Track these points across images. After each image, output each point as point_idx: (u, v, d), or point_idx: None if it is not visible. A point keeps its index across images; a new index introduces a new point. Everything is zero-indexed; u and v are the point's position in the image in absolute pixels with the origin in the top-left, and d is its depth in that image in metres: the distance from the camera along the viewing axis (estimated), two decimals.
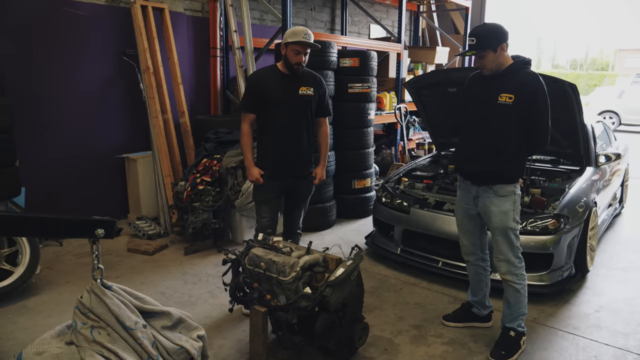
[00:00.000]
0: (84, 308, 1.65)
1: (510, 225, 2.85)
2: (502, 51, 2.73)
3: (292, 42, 3.20)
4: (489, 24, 2.81)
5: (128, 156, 5.21)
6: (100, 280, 1.73)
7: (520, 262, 2.90)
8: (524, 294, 2.91)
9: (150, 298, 1.83)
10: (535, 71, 2.80)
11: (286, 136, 3.38)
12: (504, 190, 2.83)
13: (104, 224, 1.63)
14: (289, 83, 3.35)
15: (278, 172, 3.40)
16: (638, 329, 3.24)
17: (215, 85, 6.06)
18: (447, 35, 9.38)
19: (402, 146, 7.52)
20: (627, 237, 5.10)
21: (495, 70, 2.78)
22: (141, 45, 4.84)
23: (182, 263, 4.29)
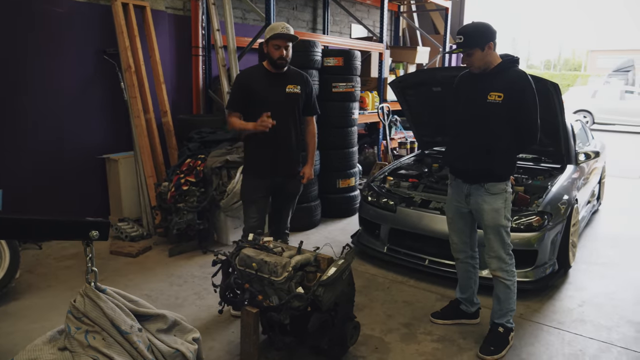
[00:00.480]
0: (77, 312, 1.60)
1: (502, 223, 2.89)
2: (489, 50, 2.76)
3: (270, 37, 3.19)
4: (477, 22, 2.83)
5: (109, 157, 5.10)
6: (94, 283, 1.68)
7: (511, 259, 2.94)
8: (513, 290, 2.95)
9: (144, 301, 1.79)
10: (523, 70, 2.84)
11: (274, 135, 3.34)
12: (496, 188, 2.86)
13: (98, 226, 1.58)
14: (275, 82, 3.33)
15: (266, 170, 3.38)
16: (620, 323, 3.33)
17: (198, 84, 5.98)
18: (427, 36, 9.46)
19: (384, 145, 7.57)
20: (605, 234, 5.23)
21: (484, 68, 2.81)
22: (122, 44, 4.75)
23: (167, 265, 4.23)
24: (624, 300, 3.68)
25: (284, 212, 3.62)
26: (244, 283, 2.53)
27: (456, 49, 2.81)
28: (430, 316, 3.33)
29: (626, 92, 16.72)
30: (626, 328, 3.27)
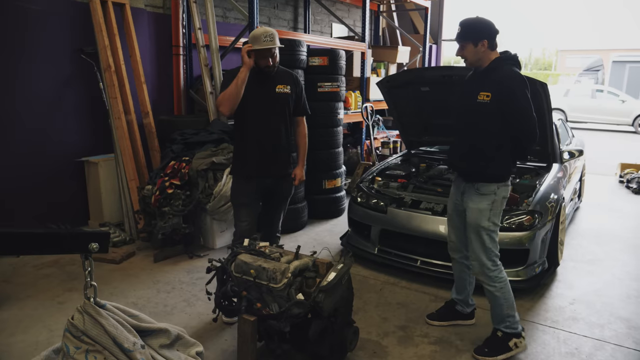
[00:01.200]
0: (76, 330, 1.49)
1: (483, 224, 2.82)
2: (483, 47, 2.72)
3: (255, 50, 3.11)
4: (479, 18, 2.80)
5: (88, 159, 4.92)
6: (94, 299, 1.58)
7: (494, 265, 2.85)
8: (501, 297, 2.85)
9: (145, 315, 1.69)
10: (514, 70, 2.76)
11: (264, 136, 3.29)
12: (485, 188, 2.82)
13: (97, 237, 1.48)
14: (265, 82, 3.25)
15: (256, 172, 3.29)
16: (611, 320, 3.37)
17: (179, 84, 5.84)
18: (407, 35, 9.48)
19: (367, 145, 7.54)
20: (588, 231, 5.32)
21: (477, 65, 2.80)
22: (101, 43, 4.58)
23: (153, 271, 4.09)
24: (612, 297, 3.73)
25: (275, 215, 3.54)
26: (241, 290, 2.44)
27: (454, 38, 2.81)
28: (425, 317, 3.30)
29: (597, 90, 17.18)
30: (617, 325, 3.31)
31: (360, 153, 7.50)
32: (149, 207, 4.41)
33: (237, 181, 3.38)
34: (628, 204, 6.57)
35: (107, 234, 1.55)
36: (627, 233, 5.33)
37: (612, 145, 12.75)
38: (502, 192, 2.83)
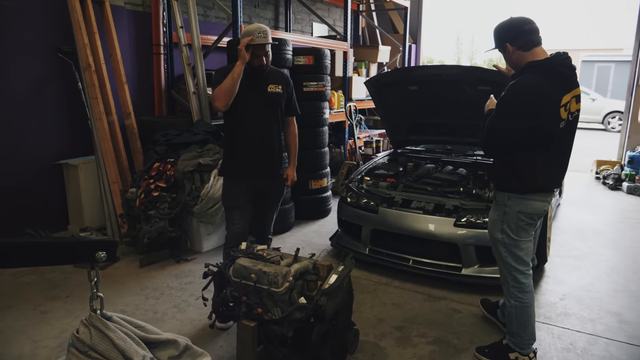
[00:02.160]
0: (82, 346, 1.40)
1: (496, 236, 2.71)
2: (510, 51, 2.53)
3: (252, 45, 3.01)
4: (503, 21, 2.60)
5: (67, 162, 4.74)
6: (100, 311, 1.49)
7: (515, 282, 2.69)
8: (513, 314, 2.72)
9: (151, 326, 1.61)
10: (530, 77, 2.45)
11: (257, 136, 3.21)
12: (498, 197, 2.72)
13: (105, 246, 1.40)
14: (257, 81, 3.17)
15: (249, 174, 3.22)
16: (602, 314, 3.42)
17: (160, 84, 5.70)
18: (387, 35, 9.51)
19: (350, 145, 7.53)
20: (570, 227, 5.42)
21: (518, 69, 2.58)
22: (81, 41, 4.42)
23: (139, 276, 3.97)
24: (600, 291, 3.80)
25: (267, 217, 3.47)
26: (241, 296, 2.37)
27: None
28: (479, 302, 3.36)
29: None
30: (608, 319, 3.36)
31: (343, 153, 7.48)
32: (134, 210, 4.28)
33: (230, 183, 3.29)
34: (606, 200, 6.74)
35: (114, 242, 1.46)
36: (607, 228, 5.46)
37: (584, 143, 13.07)
38: (514, 204, 2.61)
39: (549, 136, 2.50)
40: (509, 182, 2.63)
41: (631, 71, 8.04)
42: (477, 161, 4.79)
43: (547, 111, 2.43)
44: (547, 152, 2.55)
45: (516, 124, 2.45)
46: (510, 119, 2.46)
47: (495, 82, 3.92)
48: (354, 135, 6.99)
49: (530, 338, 2.75)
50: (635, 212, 6.09)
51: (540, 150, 2.53)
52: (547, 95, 2.41)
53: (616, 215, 6.00)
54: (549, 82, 2.42)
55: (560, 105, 2.44)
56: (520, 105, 2.43)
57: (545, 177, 2.59)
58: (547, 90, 2.42)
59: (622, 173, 7.34)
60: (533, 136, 2.48)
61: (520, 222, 2.63)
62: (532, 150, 2.52)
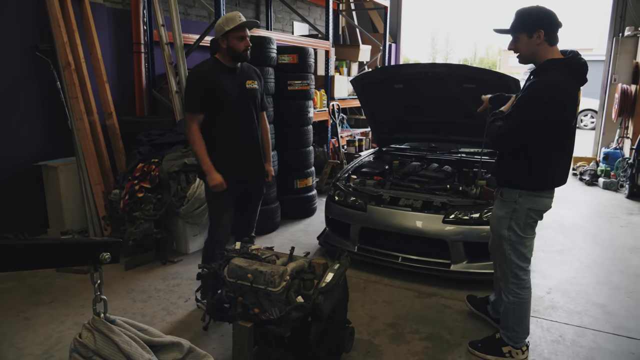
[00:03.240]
0: (86, 350, 1.35)
1: (502, 233, 2.68)
2: (539, 39, 2.42)
3: (233, 29, 2.96)
4: (538, 6, 2.47)
5: (46, 164, 4.61)
6: (104, 314, 1.44)
7: (515, 278, 2.71)
8: (511, 310, 2.73)
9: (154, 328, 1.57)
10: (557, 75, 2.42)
11: (242, 135, 3.14)
12: (507, 194, 2.67)
13: (109, 246, 1.35)
14: (235, 78, 3.10)
15: (239, 175, 3.16)
16: (588, 307, 3.50)
17: (141, 83, 5.58)
18: (367, 34, 9.55)
19: (333, 144, 7.53)
20: (552, 222, 5.52)
21: (531, 62, 2.53)
22: (60, 39, 4.30)
23: (125, 279, 3.88)
24: (584, 284, 3.88)
25: (251, 216, 3.44)
26: (237, 296, 2.34)
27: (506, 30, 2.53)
28: (465, 297, 3.36)
29: None
30: (594, 311, 3.44)
31: (326, 152, 7.47)
32: (117, 212, 4.19)
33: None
34: (583, 195, 6.91)
35: (118, 242, 1.42)
36: (586, 223, 5.59)
37: None
38: (525, 202, 2.59)
39: (564, 134, 2.51)
40: (521, 179, 2.59)
41: (604, 70, 8.27)
42: (461, 158, 4.85)
43: (570, 110, 2.44)
44: (561, 149, 2.56)
45: (540, 122, 2.42)
46: (535, 116, 2.42)
47: (480, 80, 3.99)
48: (337, 134, 6.99)
49: (525, 332, 2.79)
50: (611, 207, 6.26)
51: (556, 147, 2.53)
52: (571, 95, 2.42)
53: (594, 210, 6.15)
54: (572, 82, 2.43)
55: (576, 104, 2.47)
56: (547, 103, 2.39)
57: (558, 174, 2.60)
58: (571, 91, 2.43)
59: (598, 169, 7.53)
60: (552, 133, 2.47)
61: (529, 220, 2.64)
62: (549, 147, 2.51)
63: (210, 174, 3.03)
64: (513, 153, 2.60)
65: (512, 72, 33.72)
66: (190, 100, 3.05)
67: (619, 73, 7.72)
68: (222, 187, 3.03)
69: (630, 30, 7.62)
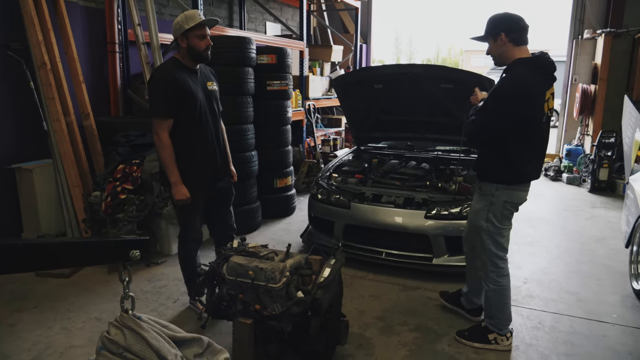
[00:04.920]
0: (117, 347, 1.36)
1: (480, 224, 2.83)
2: (502, 41, 2.64)
3: (192, 27, 2.89)
4: (503, 12, 2.70)
5: (20, 166, 4.47)
6: (132, 311, 1.46)
7: (494, 267, 2.86)
8: (492, 298, 2.89)
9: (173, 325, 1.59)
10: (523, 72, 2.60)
11: (208, 137, 3.10)
12: (485, 188, 2.83)
13: (138, 244, 1.37)
14: (197, 79, 3.05)
15: (209, 177, 3.16)
16: (561, 294, 3.71)
17: (115, 83, 5.49)
18: (338, 34, 9.66)
19: (308, 143, 7.60)
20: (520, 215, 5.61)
21: (502, 63, 2.73)
22: (34, 38, 4.19)
23: (109, 282, 3.84)
24: (557, 273, 4.11)
25: (227, 214, 3.43)
26: (238, 293, 2.38)
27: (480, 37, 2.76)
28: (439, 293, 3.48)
29: None
30: (567, 298, 3.65)
31: (302, 151, 7.53)
32: (98, 214, 4.13)
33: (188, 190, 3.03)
34: (549, 190, 7.23)
35: (146, 239, 1.44)
36: (553, 216, 5.88)
37: None
38: (502, 195, 2.76)
39: (537, 129, 2.69)
40: (498, 174, 2.77)
41: (566, 71, 8.66)
42: (438, 156, 5.01)
43: (537, 105, 2.62)
44: (533, 144, 2.74)
45: (510, 113, 2.59)
46: (504, 106, 2.59)
47: (458, 80, 4.14)
48: (314, 134, 7.07)
49: (508, 319, 2.94)
50: (576, 201, 6.59)
51: (530, 142, 2.71)
52: (537, 90, 2.60)
53: (560, 204, 6.46)
54: (537, 78, 2.61)
55: (545, 100, 2.65)
56: (514, 95, 2.57)
57: (531, 167, 2.78)
58: (537, 86, 2.60)
59: (561, 165, 7.89)
60: (526, 128, 2.64)
61: (506, 211, 2.81)
62: (523, 143, 2.68)
63: (177, 186, 2.95)
64: (491, 148, 2.77)
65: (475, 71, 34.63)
66: (159, 104, 2.92)
67: (579, 73, 8.11)
68: (187, 202, 2.97)
69: (589, 33, 8.01)
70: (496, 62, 2.78)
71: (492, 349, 2.93)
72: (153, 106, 2.97)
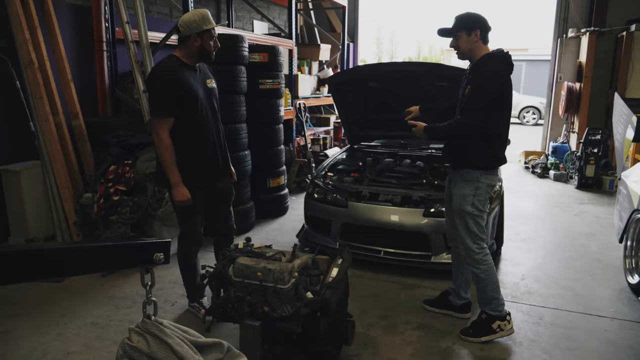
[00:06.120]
0: (140, 355, 1.30)
1: (467, 209, 2.95)
2: (475, 37, 2.85)
3: (209, 29, 2.88)
4: (474, 12, 2.92)
5: (6, 168, 4.34)
6: (154, 317, 1.41)
7: (480, 249, 2.98)
8: (486, 278, 2.97)
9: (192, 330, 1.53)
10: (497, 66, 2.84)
11: (210, 136, 3.04)
12: (469, 175, 2.96)
13: (161, 247, 1.32)
14: (197, 77, 3.00)
15: (212, 178, 3.10)
16: (559, 290, 3.75)
17: (103, 83, 5.36)
18: (326, 33, 9.63)
19: (298, 143, 7.55)
20: (512, 213, 5.82)
21: (468, 57, 2.94)
22: (21, 36, 4.06)
23: (104, 286, 3.74)
24: (552, 269, 4.15)
25: (228, 215, 3.36)
26: (246, 295, 2.33)
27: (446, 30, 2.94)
28: (422, 302, 3.44)
29: None
30: (565, 294, 3.69)
31: (292, 151, 7.49)
32: (90, 217, 4.03)
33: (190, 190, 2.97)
34: (536, 187, 7.33)
35: (168, 242, 1.39)
36: (543, 212, 5.95)
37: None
38: (485, 178, 2.95)
39: (509, 117, 3.03)
40: (484, 160, 2.96)
41: (551, 69, 8.79)
42: (432, 154, 5.02)
43: (510, 95, 2.86)
44: (506, 131, 3.03)
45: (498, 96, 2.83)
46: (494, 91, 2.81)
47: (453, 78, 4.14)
48: (305, 133, 7.03)
49: (502, 298, 3.04)
50: (564, 197, 6.69)
51: (504, 129, 3.01)
52: (509, 81, 2.87)
53: (548, 200, 6.55)
54: (507, 71, 2.87)
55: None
56: (497, 82, 2.82)
57: (504, 153, 3.06)
58: (508, 78, 2.86)
59: (548, 162, 8.01)
60: (502, 117, 2.95)
61: (487, 195, 3.01)
62: (499, 129, 2.96)
63: (178, 187, 2.89)
64: (475, 138, 2.92)
65: None
66: (159, 103, 2.87)
67: (564, 72, 8.24)
68: (189, 203, 2.92)
69: (573, 32, 8.14)
70: (463, 56, 2.97)
71: (498, 337, 2.98)
72: (153, 105, 2.91)
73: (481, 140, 2.93)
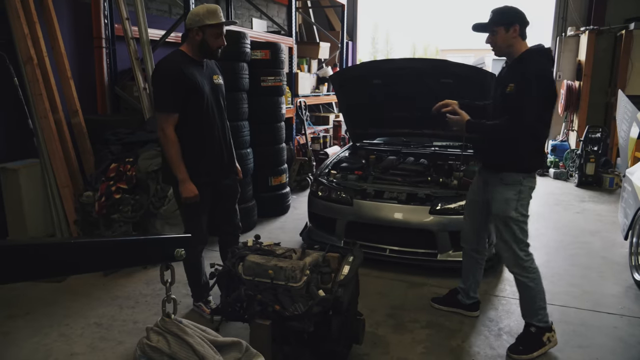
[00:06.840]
0: (160, 354, 1.25)
1: (511, 215, 2.77)
2: (514, 33, 2.67)
3: (213, 24, 2.81)
4: (511, 6, 2.73)
5: (4, 166, 4.26)
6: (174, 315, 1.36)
7: (527, 255, 2.85)
8: (535, 287, 2.83)
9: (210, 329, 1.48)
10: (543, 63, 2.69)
11: (216, 132, 2.99)
12: (510, 178, 2.77)
13: (182, 242, 1.27)
14: (204, 72, 2.95)
15: (217, 174, 3.05)
16: (566, 287, 3.73)
17: (102, 80, 5.29)
18: (325, 31, 9.59)
19: (298, 141, 7.51)
20: None
21: (506, 53, 2.76)
22: (20, 31, 3.99)
23: (106, 286, 3.68)
24: (558, 267, 4.13)
25: (234, 212, 3.32)
26: (256, 294, 2.28)
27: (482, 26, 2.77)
28: (430, 301, 3.38)
29: None
30: (572, 291, 3.66)
31: (292, 149, 7.44)
32: (91, 215, 3.97)
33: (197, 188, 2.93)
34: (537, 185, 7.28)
35: (189, 237, 1.34)
36: (545, 210, 5.93)
37: None
38: (528, 181, 2.79)
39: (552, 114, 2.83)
40: (528, 163, 2.80)
41: None
42: (435, 152, 4.99)
43: (555, 91, 2.76)
44: (549, 129, 2.87)
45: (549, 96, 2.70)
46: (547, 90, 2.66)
47: (458, 75, 4.12)
48: (305, 131, 6.98)
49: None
50: (565, 195, 6.68)
51: (548, 127, 2.84)
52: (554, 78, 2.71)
53: (550, 198, 6.53)
54: (551, 67, 2.78)
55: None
56: (547, 78, 2.69)
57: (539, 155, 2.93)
58: (552, 73, 2.76)
59: (547, 160, 8.00)
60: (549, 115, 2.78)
61: (529, 198, 2.86)
62: (547, 129, 2.81)
63: (185, 184, 2.84)
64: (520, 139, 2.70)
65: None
66: (165, 99, 2.82)
67: (563, 70, 8.24)
68: (196, 199, 2.87)
69: (572, 30, 8.15)
70: (500, 52, 2.79)
71: (547, 350, 2.83)
72: (158, 101, 2.87)
73: (530, 141, 2.74)
